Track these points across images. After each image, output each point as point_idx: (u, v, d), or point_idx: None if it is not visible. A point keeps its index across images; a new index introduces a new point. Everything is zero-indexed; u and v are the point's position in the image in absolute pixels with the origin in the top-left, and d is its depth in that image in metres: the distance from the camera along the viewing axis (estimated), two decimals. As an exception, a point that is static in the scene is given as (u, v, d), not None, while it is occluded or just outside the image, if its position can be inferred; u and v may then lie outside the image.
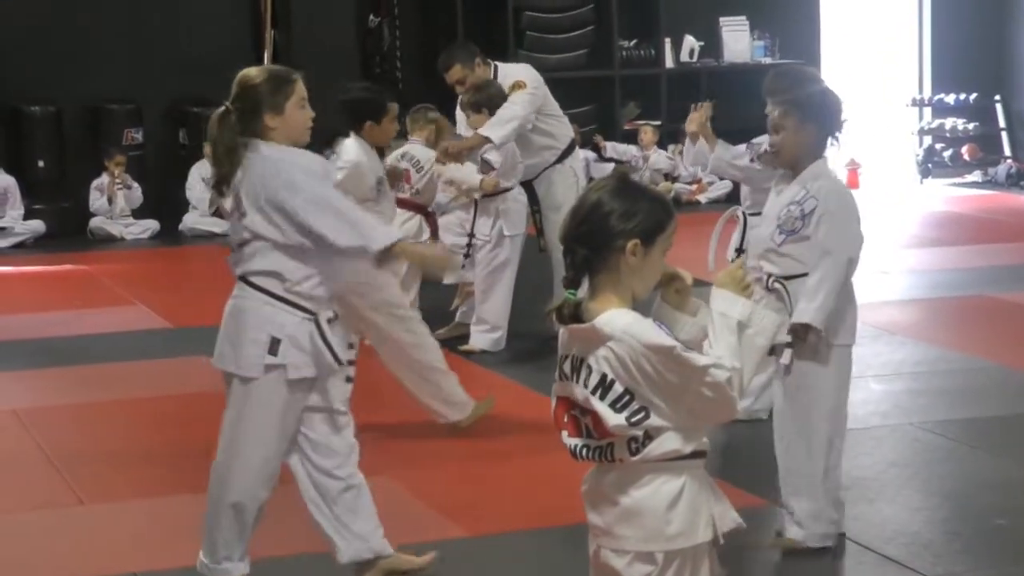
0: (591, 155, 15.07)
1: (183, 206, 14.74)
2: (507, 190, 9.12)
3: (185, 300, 11.10)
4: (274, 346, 5.04)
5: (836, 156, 6.54)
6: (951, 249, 12.57)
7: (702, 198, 15.59)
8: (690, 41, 16.36)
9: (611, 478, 3.48)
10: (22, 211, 14.44)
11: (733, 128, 16.37)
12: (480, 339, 9.15)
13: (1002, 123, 17.21)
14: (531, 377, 8.29)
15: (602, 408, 3.38)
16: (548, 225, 9.36)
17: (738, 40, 16.60)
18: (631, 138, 15.99)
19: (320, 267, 5.07)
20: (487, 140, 8.87)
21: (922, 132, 17.41)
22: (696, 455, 3.46)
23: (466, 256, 9.18)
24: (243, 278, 5.12)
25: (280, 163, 5.05)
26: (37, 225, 14.43)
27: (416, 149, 9.45)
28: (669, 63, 16.29)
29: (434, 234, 9.15)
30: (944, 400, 7.79)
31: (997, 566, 5.62)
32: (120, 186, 14.48)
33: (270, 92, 5.10)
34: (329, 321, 5.12)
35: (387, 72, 15.82)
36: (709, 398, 3.36)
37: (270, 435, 5.18)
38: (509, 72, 9.47)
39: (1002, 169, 16.81)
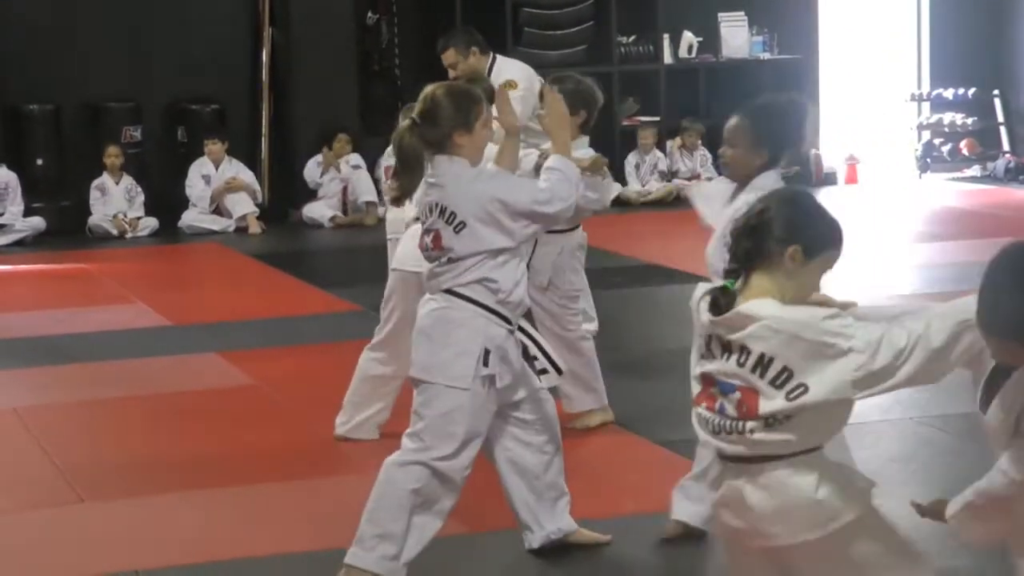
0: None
1: (182, 204, 14.75)
2: None
3: (184, 298, 11.10)
4: (486, 357, 5.18)
5: (836, 152, 6.49)
6: (950, 244, 12.57)
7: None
8: (688, 37, 16.35)
9: (748, 480, 3.56)
10: (22, 207, 14.44)
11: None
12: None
13: (1001, 118, 17.21)
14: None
15: (762, 388, 3.47)
16: None
17: (736, 36, 16.60)
18: (629, 136, 15.98)
19: (521, 273, 5.27)
20: None
21: (921, 127, 17.41)
22: (816, 448, 3.56)
23: None
24: (450, 291, 5.22)
25: (481, 175, 5.25)
26: (37, 222, 14.43)
27: None
28: (668, 59, 16.29)
29: None
30: (944, 395, 7.77)
31: (998, 561, 5.61)
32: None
33: (459, 110, 5.24)
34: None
35: (385, 70, 15.82)
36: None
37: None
38: (504, 68, 9.44)
39: (1001, 164, 16.81)
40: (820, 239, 3.60)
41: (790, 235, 3.55)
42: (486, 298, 5.21)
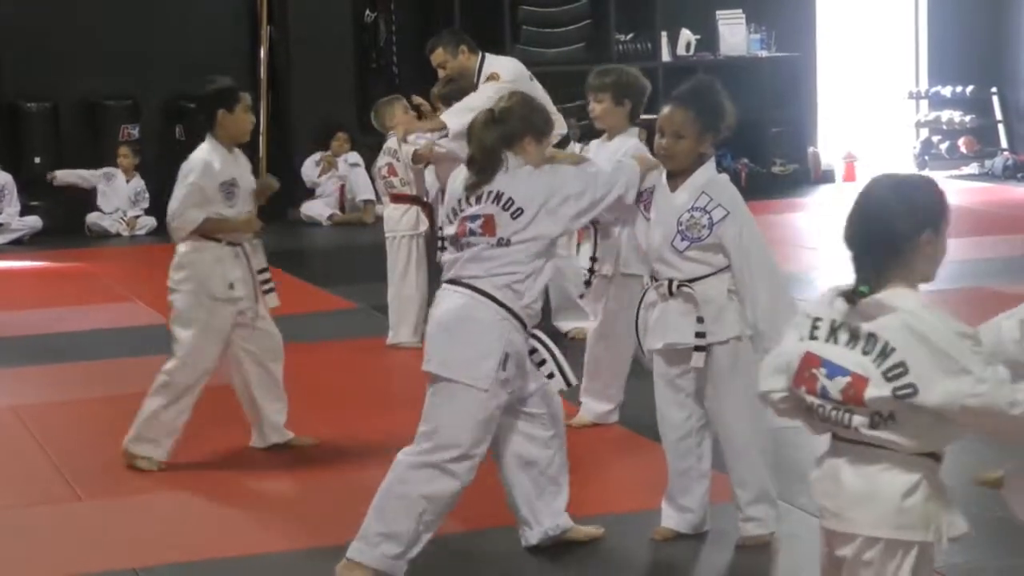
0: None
1: (180, 202, 14.73)
2: None
3: (182, 296, 11.08)
4: (505, 361, 5.23)
5: (834, 149, 6.48)
6: (948, 241, 12.54)
7: None
8: (686, 34, 16.35)
9: (849, 461, 3.54)
10: (19, 207, 14.44)
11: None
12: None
13: (999, 115, 17.22)
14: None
15: (871, 375, 3.44)
16: None
17: (734, 33, 16.59)
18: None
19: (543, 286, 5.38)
20: (444, 126, 8.82)
21: (919, 125, 17.41)
22: (933, 456, 3.54)
23: (441, 249, 9.08)
24: (476, 288, 5.26)
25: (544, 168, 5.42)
26: (34, 221, 14.43)
27: (393, 140, 9.35)
28: (666, 56, 16.28)
29: (433, 225, 9.13)
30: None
31: (997, 559, 5.62)
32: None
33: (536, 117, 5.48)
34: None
35: (383, 67, 15.82)
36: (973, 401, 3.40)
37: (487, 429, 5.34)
38: (493, 64, 9.42)
39: (999, 161, 16.81)
40: (938, 206, 3.66)
41: (916, 224, 3.59)
42: (512, 302, 5.25)
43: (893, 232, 3.56)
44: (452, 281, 5.35)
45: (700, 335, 5.46)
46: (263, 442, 7.09)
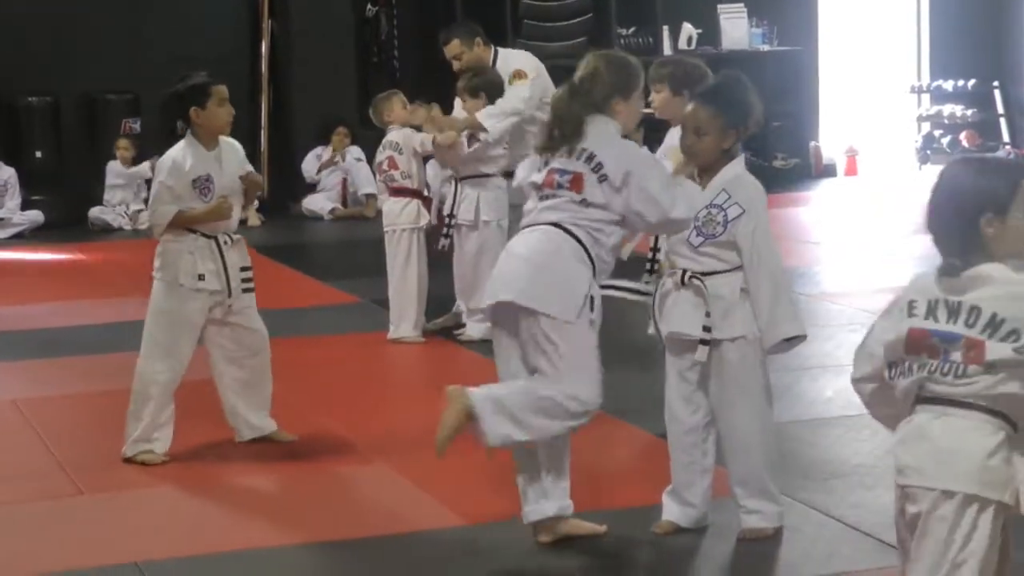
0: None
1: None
2: (488, 175, 9.06)
3: (184, 290, 11.08)
4: (591, 303, 5.33)
5: (836, 144, 6.48)
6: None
7: None
8: (688, 29, 16.34)
9: (937, 419, 3.66)
10: (19, 201, 14.44)
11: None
12: (476, 329, 9.04)
13: (1000, 109, 17.20)
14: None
15: (990, 343, 3.58)
16: None
17: (736, 27, 16.59)
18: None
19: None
20: (482, 129, 8.84)
21: (920, 119, 17.40)
22: (1014, 425, 3.64)
23: (445, 236, 9.09)
24: (562, 226, 5.32)
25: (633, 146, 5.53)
26: (35, 215, 14.44)
27: (393, 133, 9.33)
28: (667, 51, 16.25)
29: (439, 219, 9.13)
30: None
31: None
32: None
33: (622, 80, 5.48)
34: None
35: (385, 61, 15.81)
36: None
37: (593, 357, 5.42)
38: (509, 58, 9.40)
39: (1000, 155, 16.81)
40: (1004, 189, 3.66)
41: (977, 205, 3.64)
42: (592, 246, 5.33)
43: (959, 213, 3.67)
44: (530, 225, 5.42)
45: (706, 329, 5.47)
46: (240, 437, 7.09)
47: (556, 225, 5.34)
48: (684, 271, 5.52)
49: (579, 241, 5.32)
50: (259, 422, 7.05)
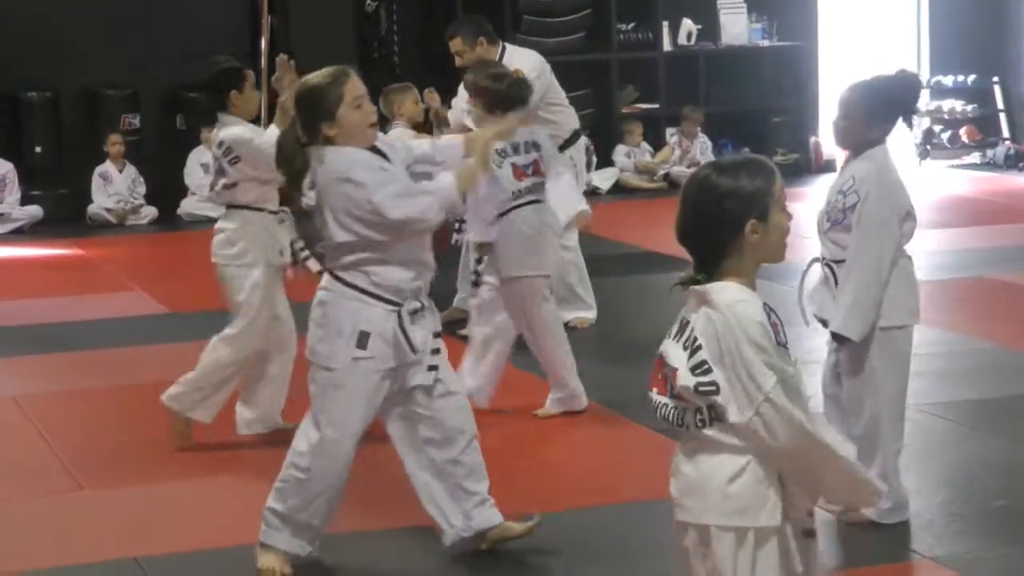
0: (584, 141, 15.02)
1: (181, 191, 14.73)
2: None
3: (183, 285, 11.08)
4: (362, 340, 5.16)
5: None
6: (950, 231, 12.55)
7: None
8: (688, 24, 16.33)
9: (687, 449, 3.50)
10: (19, 196, 14.44)
11: (731, 110, 16.47)
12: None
13: (1000, 105, 17.19)
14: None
15: (681, 367, 3.40)
16: None
17: (736, 23, 16.58)
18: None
19: (406, 257, 5.22)
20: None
21: (920, 114, 17.39)
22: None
23: (457, 231, 9.07)
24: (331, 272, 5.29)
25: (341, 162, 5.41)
26: (35, 210, 14.42)
27: (396, 132, 9.27)
28: (667, 46, 16.26)
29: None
30: (944, 381, 7.78)
31: (997, 547, 5.62)
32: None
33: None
34: (414, 312, 5.21)
35: (385, 57, 15.80)
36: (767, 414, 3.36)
37: (356, 417, 5.32)
38: (515, 57, 9.36)
39: (1000, 151, 16.80)
40: (762, 193, 3.48)
41: (738, 213, 3.44)
42: (360, 281, 5.24)
43: (718, 222, 3.44)
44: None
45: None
46: (247, 429, 7.12)
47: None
48: (823, 258, 5.55)
49: (349, 284, 5.26)
50: (262, 417, 7.12)
